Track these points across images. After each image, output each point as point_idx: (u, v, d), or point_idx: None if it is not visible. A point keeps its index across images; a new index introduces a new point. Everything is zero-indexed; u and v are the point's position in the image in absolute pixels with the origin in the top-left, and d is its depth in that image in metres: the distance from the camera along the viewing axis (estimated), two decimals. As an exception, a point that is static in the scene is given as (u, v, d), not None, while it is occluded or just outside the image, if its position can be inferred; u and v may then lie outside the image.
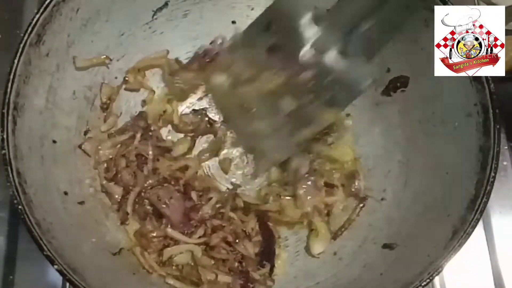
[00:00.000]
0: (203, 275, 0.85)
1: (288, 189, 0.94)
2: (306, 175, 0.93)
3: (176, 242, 0.87)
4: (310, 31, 0.78)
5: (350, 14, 0.76)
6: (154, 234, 0.88)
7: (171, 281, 0.85)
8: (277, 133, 0.86)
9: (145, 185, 0.90)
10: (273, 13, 0.82)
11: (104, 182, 0.92)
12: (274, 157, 0.92)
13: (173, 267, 0.87)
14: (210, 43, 1.01)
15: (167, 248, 0.87)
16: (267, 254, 0.89)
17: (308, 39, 0.78)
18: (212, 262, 0.87)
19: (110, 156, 0.93)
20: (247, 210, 0.92)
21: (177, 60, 1.01)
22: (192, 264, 0.87)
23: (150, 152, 0.93)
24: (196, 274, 0.85)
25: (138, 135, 0.94)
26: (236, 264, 0.87)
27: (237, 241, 0.88)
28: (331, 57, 0.78)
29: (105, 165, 0.93)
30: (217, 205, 0.91)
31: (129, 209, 0.90)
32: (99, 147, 0.92)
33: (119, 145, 0.94)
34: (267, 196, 0.93)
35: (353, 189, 0.94)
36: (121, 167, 0.92)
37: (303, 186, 0.93)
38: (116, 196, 0.91)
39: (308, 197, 0.92)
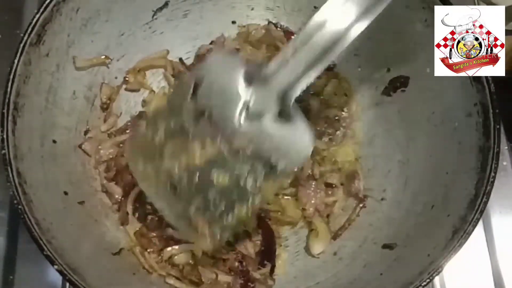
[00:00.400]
0: (203, 275, 0.85)
1: (288, 189, 0.94)
2: (306, 178, 0.93)
3: (177, 241, 0.87)
4: (243, 93, 0.68)
5: (287, 74, 0.66)
6: (155, 234, 0.88)
7: (171, 281, 0.85)
8: (209, 213, 0.74)
9: None
10: (200, 74, 0.72)
11: (105, 182, 0.92)
12: (205, 242, 0.77)
13: (174, 268, 0.87)
14: (210, 43, 1.01)
15: (167, 248, 0.87)
16: (267, 254, 0.89)
17: (241, 102, 0.69)
18: (212, 261, 0.87)
19: (111, 156, 0.93)
20: None
21: (181, 61, 1.01)
22: (192, 263, 0.87)
23: None
24: (196, 273, 0.85)
25: None
26: (237, 263, 0.87)
27: (237, 240, 0.88)
28: (268, 121, 0.68)
29: (106, 164, 0.93)
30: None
31: (129, 208, 0.89)
32: (99, 147, 0.92)
33: (119, 145, 0.94)
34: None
35: (352, 189, 0.94)
36: (121, 166, 0.92)
37: (306, 187, 0.93)
38: (117, 196, 0.91)
39: (311, 199, 0.92)
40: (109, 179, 0.92)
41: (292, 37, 0.99)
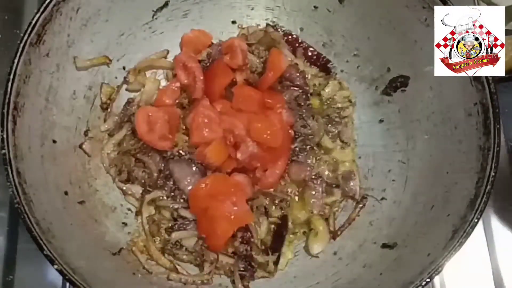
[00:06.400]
0: (207, 256, 0.86)
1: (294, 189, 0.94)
2: (312, 178, 0.94)
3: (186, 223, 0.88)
4: None
5: None
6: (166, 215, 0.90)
7: (174, 276, 0.86)
8: None
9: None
10: None
11: (121, 184, 0.92)
12: None
13: (180, 250, 0.88)
14: (208, 46, 1.01)
15: (175, 231, 0.88)
16: (277, 238, 0.90)
17: None
18: None
19: (116, 158, 0.93)
20: None
21: None
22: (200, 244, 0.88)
23: None
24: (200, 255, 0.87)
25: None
26: (242, 248, 0.87)
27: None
28: None
29: (116, 168, 0.93)
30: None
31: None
32: (103, 151, 0.93)
33: (120, 144, 0.94)
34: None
35: (348, 190, 0.94)
36: (132, 165, 0.92)
37: (311, 188, 0.93)
38: (135, 192, 0.92)
39: (316, 200, 0.93)
40: (124, 181, 0.92)
41: (291, 37, 1.00)
